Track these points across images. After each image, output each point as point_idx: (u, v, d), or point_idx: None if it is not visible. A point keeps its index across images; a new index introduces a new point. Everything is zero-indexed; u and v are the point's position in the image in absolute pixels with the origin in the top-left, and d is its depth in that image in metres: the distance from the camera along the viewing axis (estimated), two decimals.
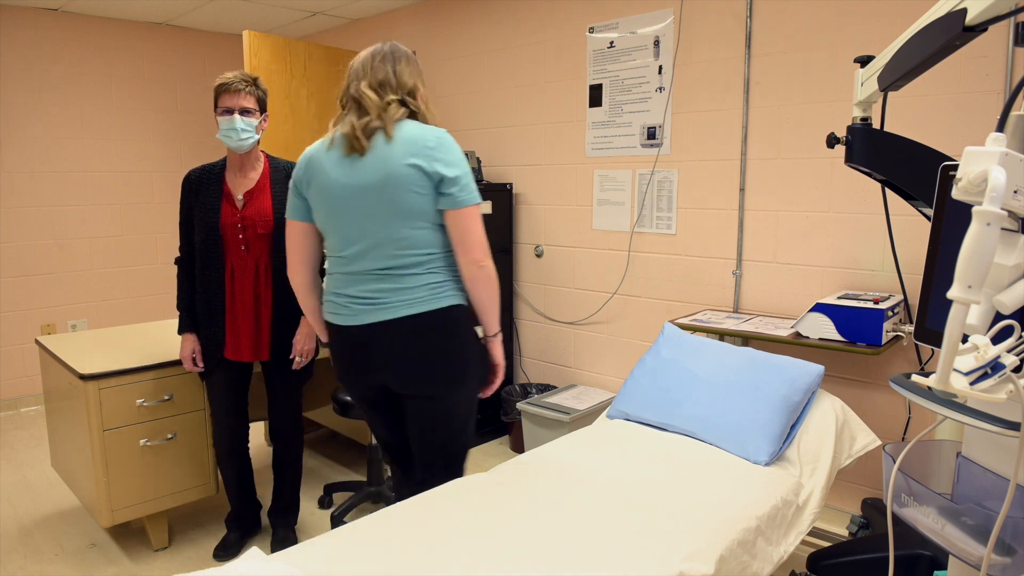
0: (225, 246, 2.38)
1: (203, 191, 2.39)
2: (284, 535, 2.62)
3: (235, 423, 2.54)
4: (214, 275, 2.39)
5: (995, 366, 0.95)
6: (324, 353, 2.73)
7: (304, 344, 2.47)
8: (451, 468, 1.97)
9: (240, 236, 2.37)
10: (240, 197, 2.39)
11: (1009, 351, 0.96)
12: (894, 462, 1.18)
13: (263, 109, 2.40)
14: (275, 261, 2.42)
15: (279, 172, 2.47)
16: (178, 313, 2.47)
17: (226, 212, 2.37)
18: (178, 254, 2.49)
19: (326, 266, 1.97)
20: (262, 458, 3.60)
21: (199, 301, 2.42)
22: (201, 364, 2.44)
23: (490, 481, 1.84)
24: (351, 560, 1.47)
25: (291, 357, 2.49)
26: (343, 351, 1.93)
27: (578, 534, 1.55)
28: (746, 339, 2.70)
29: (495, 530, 1.57)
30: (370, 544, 1.53)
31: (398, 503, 1.74)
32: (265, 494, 2.98)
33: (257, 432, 3.85)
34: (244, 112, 2.32)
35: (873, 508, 2.51)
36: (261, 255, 2.41)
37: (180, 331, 2.46)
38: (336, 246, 1.88)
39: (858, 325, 2.34)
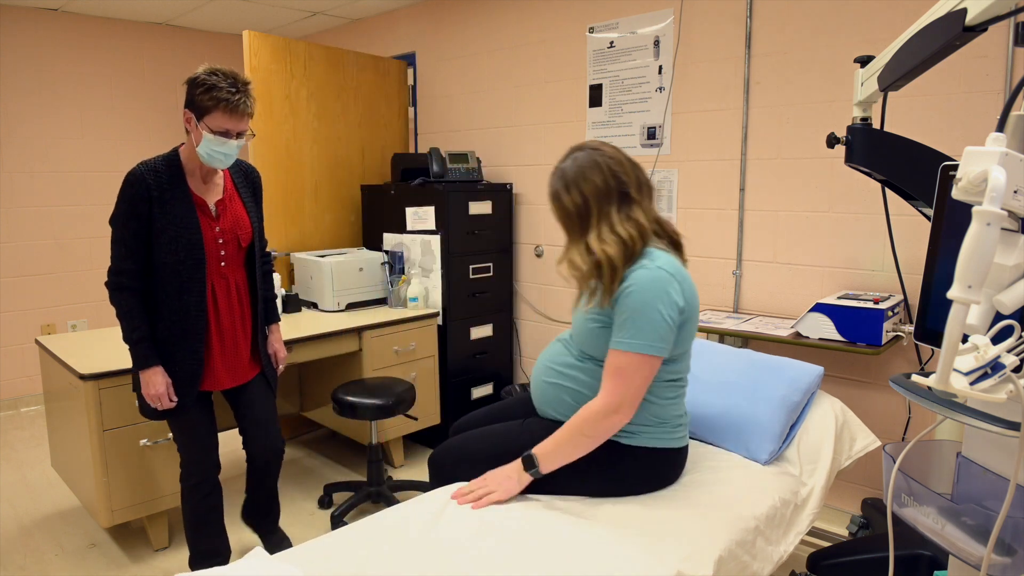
0: (206, 265, 2.08)
1: (168, 200, 2.00)
2: (280, 536, 2.57)
3: (216, 454, 2.26)
4: (195, 300, 2.06)
5: (995, 366, 0.95)
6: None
7: (283, 350, 2.40)
8: None
9: (221, 252, 2.11)
10: (212, 207, 2.11)
11: (1009, 351, 0.96)
12: (894, 462, 1.18)
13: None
14: (248, 276, 2.23)
15: (240, 173, 2.22)
16: (129, 346, 2.04)
17: (205, 225, 2.07)
18: (114, 275, 2.03)
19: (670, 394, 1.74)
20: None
21: (166, 330, 2.06)
22: (175, 398, 2.08)
23: None
24: (351, 560, 1.47)
25: (277, 366, 2.38)
26: (676, 473, 1.81)
27: (578, 534, 1.55)
28: (746, 339, 2.70)
29: (495, 530, 1.57)
30: (370, 544, 1.53)
31: (398, 504, 1.74)
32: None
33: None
34: (240, 135, 2.02)
35: (873, 508, 2.51)
36: (237, 271, 2.18)
37: (144, 365, 2.03)
38: (686, 366, 1.77)
39: (858, 325, 2.34)
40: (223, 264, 2.13)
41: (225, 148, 2.00)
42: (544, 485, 1.74)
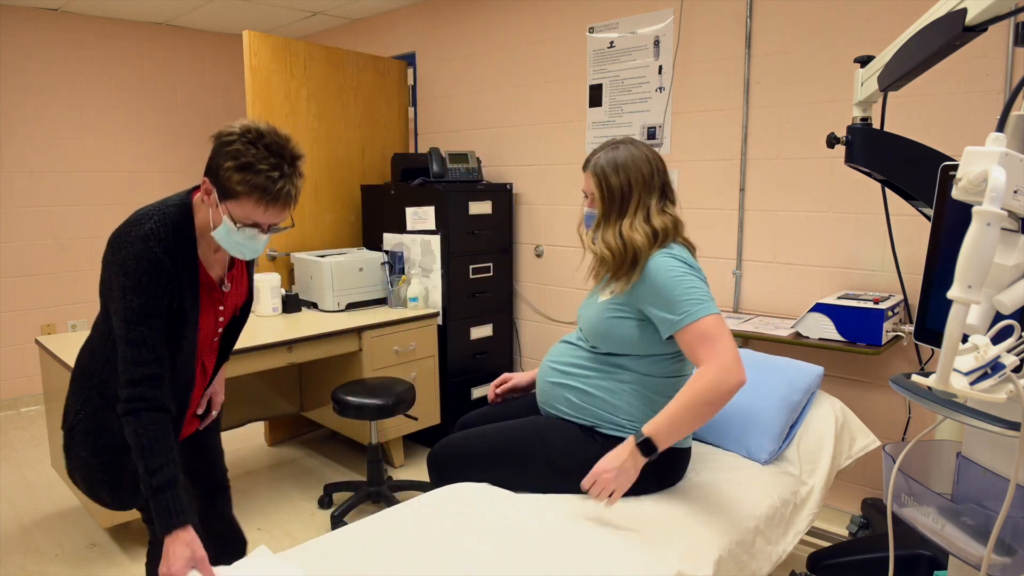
0: (200, 350, 1.62)
1: (181, 285, 1.47)
2: None
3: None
4: (182, 385, 1.57)
5: (995, 366, 0.95)
6: None
7: (222, 394, 1.89)
8: None
9: (220, 330, 1.68)
10: (223, 280, 1.62)
11: (1009, 351, 0.96)
12: (894, 462, 1.18)
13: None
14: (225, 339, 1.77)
15: None
16: (150, 495, 1.38)
17: (210, 313, 1.59)
18: (134, 386, 1.41)
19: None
20: (262, 457, 3.60)
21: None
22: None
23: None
24: (351, 560, 1.47)
25: (213, 411, 1.86)
26: (680, 474, 1.83)
27: (577, 534, 1.55)
28: (746, 339, 2.70)
29: (495, 530, 1.57)
30: (370, 544, 1.53)
31: (398, 504, 1.74)
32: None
33: (257, 431, 3.85)
34: (273, 228, 1.49)
35: (873, 508, 2.51)
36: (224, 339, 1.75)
37: (170, 525, 1.36)
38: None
39: (858, 325, 2.34)
40: (216, 339, 1.70)
41: (252, 244, 1.47)
42: (550, 482, 1.75)
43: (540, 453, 1.77)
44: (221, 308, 1.63)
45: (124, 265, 1.42)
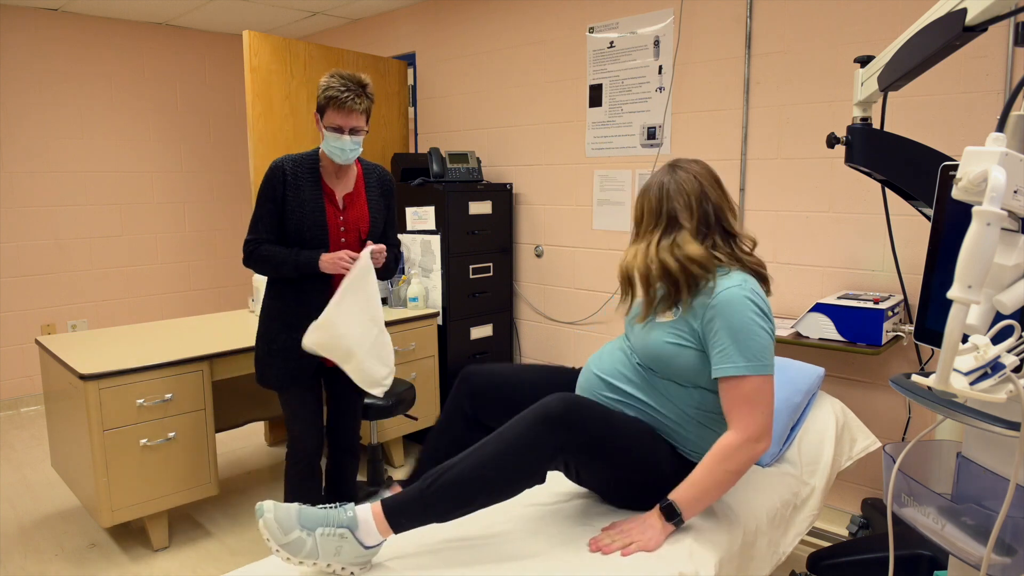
0: (328, 247, 2.22)
1: (301, 185, 2.18)
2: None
3: (318, 437, 2.35)
4: (315, 277, 2.20)
5: (995, 366, 0.95)
6: None
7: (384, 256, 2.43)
8: None
9: (342, 240, 2.24)
10: (340, 199, 2.25)
11: (1009, 351, 0.96)
12: (894, 462, 1.18)
13: (369, 118, 2.22)
14: None
15: (372, 176, 2.35)
16: (296, 267, 2.16)
17: (330, 212, 2.22)
18: (247, 245, 2.20)
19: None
20: (262, 457, 3.60)
21: (291, 304, 2.22)
22: (354, 255, 2.17)
23: None
24: None
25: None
26: None
27: (577, 534, 1.55)
28: None
29: (496, 529, 1.57)
30: None
31: None
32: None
33: (257, 431, 3.85)
34: (354, 131, 2.15)
35: (873, 508, 2.50)
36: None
37: (314, 258, 2.15)
38: None
39: (858, 325, 2.34)
40: (342, 239, 2.25)
41: (340, 143, 2.14)
42: (580, 472, 1.68)
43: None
44: (341, 219, 2.24)
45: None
